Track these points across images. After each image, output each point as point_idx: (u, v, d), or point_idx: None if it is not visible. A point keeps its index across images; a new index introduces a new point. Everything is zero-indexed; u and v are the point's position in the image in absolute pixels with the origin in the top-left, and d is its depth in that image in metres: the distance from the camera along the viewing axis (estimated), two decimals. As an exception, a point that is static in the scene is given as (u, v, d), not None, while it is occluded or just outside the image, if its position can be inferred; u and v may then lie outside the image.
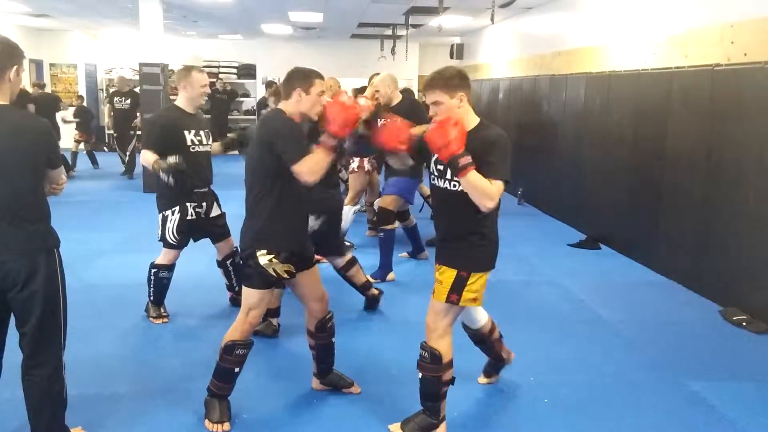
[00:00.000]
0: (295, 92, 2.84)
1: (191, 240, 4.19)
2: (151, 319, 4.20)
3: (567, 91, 7.53)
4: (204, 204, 4.10)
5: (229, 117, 14.00)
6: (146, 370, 3.51)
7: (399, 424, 2.88)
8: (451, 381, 2.82)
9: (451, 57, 12.60)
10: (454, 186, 2.64)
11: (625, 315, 4.53)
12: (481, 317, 3.16)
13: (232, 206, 4.29)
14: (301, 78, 2.86)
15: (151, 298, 4.24)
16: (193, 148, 3.98)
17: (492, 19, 7.64)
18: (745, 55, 4.53)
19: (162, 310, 4.24)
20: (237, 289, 4.40)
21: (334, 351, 3.21)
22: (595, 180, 6.83)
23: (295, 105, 2.85)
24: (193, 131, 3.98)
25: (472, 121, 2.66)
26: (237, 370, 2.92)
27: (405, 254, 5.84)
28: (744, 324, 4.28)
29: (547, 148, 8.02)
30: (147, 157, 3.89)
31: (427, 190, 6.65)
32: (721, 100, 4.78)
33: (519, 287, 5.06)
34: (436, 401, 2.81)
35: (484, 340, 3.22)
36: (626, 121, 6.15)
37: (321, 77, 2.92)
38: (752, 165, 4.42)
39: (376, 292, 4.44)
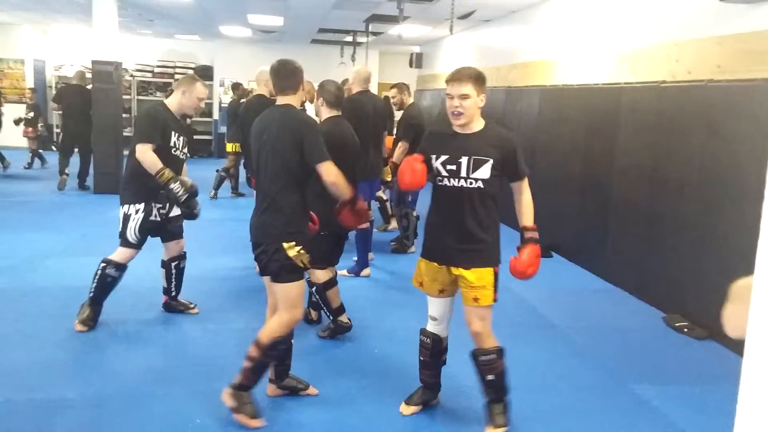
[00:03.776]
0: (301, 86, 3.07)
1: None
2: (77, 323, 3.93)
3: (522, 103, 7.71)
4: (167, 205, 4.05)
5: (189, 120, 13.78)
6: (96, 375, 3.44)
7: (492, 427, 2.95)
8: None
9: (411, 66, 12.73)
10: (470, 183, 2.79)
11: (575, 321, 4.67)
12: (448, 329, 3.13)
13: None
14: (301, 71, 3.05)
15: (91, 295, 3.98)
16: (174, 151, 3.97)
17: (451, 30, 7.78)
18: (689, 73, 4.75)
19: (93, 318, 3.98)
20: (174, 294, 4.35)
21: (292, 352, 3.23)
22: (548, 190, 7.00)
23: (298, 96, 3.07)
24: (177, 134, 3.98)
25: (481, 122, 2.88)
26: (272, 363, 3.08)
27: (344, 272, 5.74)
28: (685, 330, 4.47)
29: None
30: (152, 158, 3.78)
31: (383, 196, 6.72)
32: (666, 115, 4.99)
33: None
34: (508, 386, 2.98)
35: (442, 352, 3.14)
36: (578, 133, 6.35)
37: None
38: (694, 177, 4.63)
39: (347, 321, 4.10)
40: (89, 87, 9.24)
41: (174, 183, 3.81)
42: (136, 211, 3.92)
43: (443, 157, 2.83)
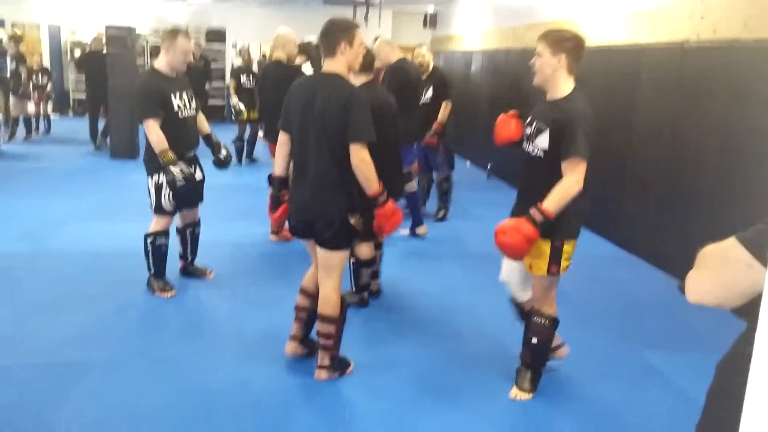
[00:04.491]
0: (340, 46, 2.84)
1: None
2: (157, 293, 4.07)
3: (539, 65, 7.55)
4: (194, 167, 4.07)
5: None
6: (116, 338, 3.51)
7: (515, 389, 3.03)
8: None
9: (425, 26, 12.52)
10: (533, 150, 2.78)
11: (588, 288, 4.65)
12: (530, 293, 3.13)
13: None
14: (343, 30, 2.85)
15: (152, 271, 4.08)
16: (180, 114, 3.92)
17: (467, -11, 7.59)
18: (714, 32, 4.60)
19: (167, 282, 4.13)
20: (190, 259, 4.41)
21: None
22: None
23: (340, 60, 2.86)
24: (177, 95, 3.91)
25: (564, 89, 2.76)
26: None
27: (406, 231, 5.72)
28: (701, 296, 4.43)
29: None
30: (157, 136, 3.76)
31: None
32: (688, 78, 4.86)
33: (485, 260, 5.14)
34: (547, 357, 3.06)
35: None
36: (596, 96, 6.18)
37: (358, 26, 2.96)
38: (714, 143, 4.54)
39: (366, 298, 4.15)
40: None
41: (174, 167, 3.79)
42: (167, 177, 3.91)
43: (528, 119, 2.87)
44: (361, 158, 2.81)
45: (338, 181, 2.87)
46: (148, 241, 4.03)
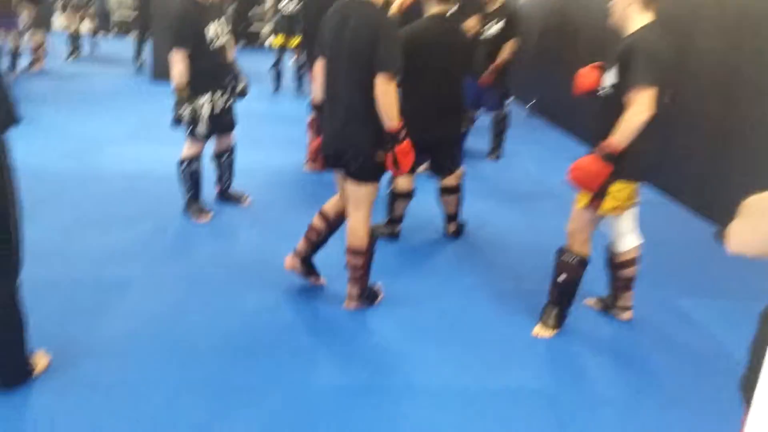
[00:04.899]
0: None
1: None
2: (193, 218, 4.15)
3: (591, -2, 7.20)
4: (229, 90, 4.10)
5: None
6: (156, 259, 3.63)
7: (539, 325, 3.06)
8: None
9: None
10: (603, 89, 2.80)
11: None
12: (626, 245, 3.13)
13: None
14: None
15: (189, 195, 4.16)
16: (213, 45, 3.91)
17: None
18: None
19: (203, 207, 4.21)
20: (226, 185, 4.47)
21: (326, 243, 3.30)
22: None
23: None
24: (211, 26, 3.89)
25: (637, 25, 2.76)
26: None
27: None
28: (739, 246, 4.33)
29: (566, 59, 7.78)
30: (179, 69, 3.80)
31: None
32: (751, 17, 4.58)
33: (517, 197, 5.10)
34: (574, 296, 3.03)
35: (613, 267, 3.20)
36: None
37: None
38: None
39: (397, 231, 4.18)
40: None
41: (181, 107, 3.83)
42: (201, 105, 3.93)
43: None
44: (384, 90, 2.74)
45: (366, 114, 2.82)
46: (182, 167, 4.11)
